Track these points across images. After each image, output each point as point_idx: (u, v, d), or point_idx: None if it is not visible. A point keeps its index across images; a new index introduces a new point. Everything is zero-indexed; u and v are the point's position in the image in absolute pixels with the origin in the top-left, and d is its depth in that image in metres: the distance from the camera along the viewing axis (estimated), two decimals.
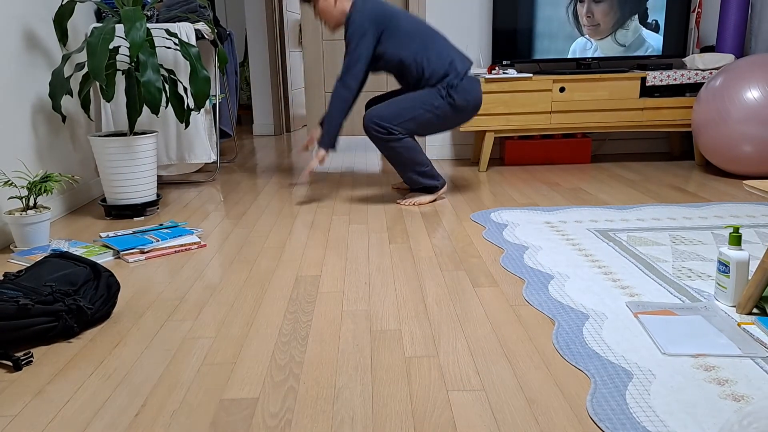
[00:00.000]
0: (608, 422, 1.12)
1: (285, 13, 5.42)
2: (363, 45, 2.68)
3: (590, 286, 1.76)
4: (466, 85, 2.73)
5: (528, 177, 3.32)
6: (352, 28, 2.69)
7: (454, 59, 2.73)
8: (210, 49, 3.47)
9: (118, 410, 1.21)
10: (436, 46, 2.73)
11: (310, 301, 1.73)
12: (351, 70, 2.68)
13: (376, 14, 2.69)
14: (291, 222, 2.55)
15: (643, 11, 3.51)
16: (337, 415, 1.18)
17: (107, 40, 2.34)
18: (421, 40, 2.72)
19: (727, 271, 1.58)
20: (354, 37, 2.69)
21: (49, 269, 1.63)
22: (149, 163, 2.68)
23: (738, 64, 3.07)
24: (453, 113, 2.74)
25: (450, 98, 2.70)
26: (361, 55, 2.68)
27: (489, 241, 2.23)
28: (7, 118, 2.37)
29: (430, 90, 2.72)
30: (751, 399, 1.18)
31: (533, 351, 1.41)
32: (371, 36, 2.69)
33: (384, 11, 2.70)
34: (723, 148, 3.04)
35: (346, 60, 2.71)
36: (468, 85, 2.73)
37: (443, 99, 2.70)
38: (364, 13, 2.68)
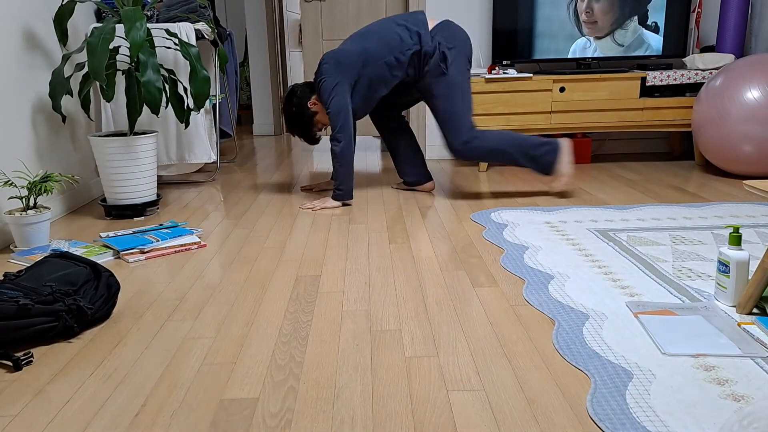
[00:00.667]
0: (608, 422, 1.12)
1: (285, 13, 5.42)
2: (339, 95, 2.69)
3: (590, 286, 1.76)
4: (441, 35, 2.70)
5: (528, 177, 3.32)
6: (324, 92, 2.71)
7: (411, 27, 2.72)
8: (210, 49, 3.47)
9: (118, 410, 1.21)
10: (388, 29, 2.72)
11: (310, 301, 1.73)
12: (339, 127, 2.69)
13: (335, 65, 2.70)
14: (291, 222, 2.55)
15: (643, 11, 3.50)
16: (337, 415, 1.18)
17: (107, 40, 2.34)
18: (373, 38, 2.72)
19: (727, 271, 1.58)
20: (326, 94, 2.70)
21: (49, 269, 1.63)
22: (149, 163, 2.68)
23: (738, 64, 3.07)
24: (463, 64, 2.72)
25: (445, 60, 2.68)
26: (341, 106, 2.68)
27: (489, 241, 2.23)
28: (7, 118, 2.37)
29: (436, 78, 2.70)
30: (751, 399, 1.18)
31: (533, 351, 1.41)
32: (343, 86, 2.70)
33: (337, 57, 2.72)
34: (723, 148, 3.04)
35: (330, 120, 2.71)
36: (445, 34, 2.71)
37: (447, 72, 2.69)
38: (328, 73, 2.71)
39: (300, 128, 2.88)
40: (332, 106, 2.68)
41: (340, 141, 2.69)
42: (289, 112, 2.85)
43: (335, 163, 2.72)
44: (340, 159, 2.70)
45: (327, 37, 4.33)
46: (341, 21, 4.21)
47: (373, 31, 2.75)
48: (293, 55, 5.78)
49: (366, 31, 2.78)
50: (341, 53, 2.72)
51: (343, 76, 2.70)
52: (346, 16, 4.22)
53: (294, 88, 2.86)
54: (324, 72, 2.72)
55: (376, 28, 2.75)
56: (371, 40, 2.72)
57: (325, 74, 2.71)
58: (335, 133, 2.70)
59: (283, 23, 5.40)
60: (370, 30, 2.77)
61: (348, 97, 2.70)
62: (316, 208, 2.72)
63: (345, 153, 2.70)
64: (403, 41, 2.70)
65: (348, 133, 2.69)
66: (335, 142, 2.70)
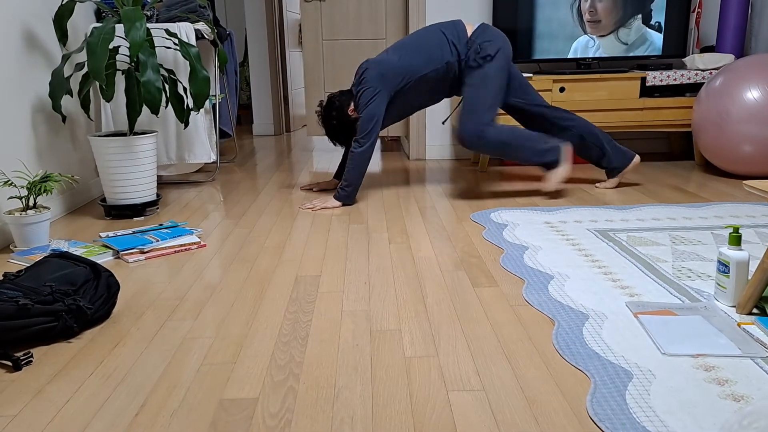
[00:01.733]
0: (608, 422, 1.12)
1: (285, 13, 5.42)
2: (376, 104, 2.72)
3: (590, 286, 1.76)
4: (480, 38, 2.73)
5: (528, 177, 3.32)
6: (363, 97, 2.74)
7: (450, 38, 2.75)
8: (210, 49, 3.47)
9: (118, 410, 1.21)
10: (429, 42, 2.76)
11: (310, 301, 1.73)
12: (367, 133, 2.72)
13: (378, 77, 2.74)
14: (291, 222, 2.55)
15: (647, 10, 3.50)
16: (337, 415, 1.18)
17: (107, 40, 2.34)
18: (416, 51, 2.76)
19: (727, 271, 1.58)
20: (364, 99, 2.73)
21: (49, 269, 1.63)
22: (149, 163, 2.68)
23: (738, 64, 3.07)
24: (498, 63, 2.74)
25: (484, 59, 2.70)
26: (373, 114, 2.72)
27: (489, 241, 2.23)
28: (7, 118, 2.37)
29: (470, 75, 2.73)
30: (751, 399, 1.18)
31: (533, 351, 1.41)
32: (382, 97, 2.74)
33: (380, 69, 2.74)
34: (723, 148, 3.04)
35: (360, 124, 2.74)
36: (481, 36, 2.74)
37: (482, 67, 2.71)
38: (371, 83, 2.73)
39: (343, 137, 2.94)
40: (366, 112, 2.72)
41: (362, 145, 2.73)
42: (330, 122, 2.90)
43: (350, 163, 2.74)
44: (356, 161, 2.73)
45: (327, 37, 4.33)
46: (341, 21, 4.21)
47: (418, 46, 2.78)
48: (293, 55, 5.78)
49: (410, 43, 2.80)
50: (385, 65, 2.76)
51: (385, 88, 2.75)
52: (346, 16, 4.21)
53: (332, 97, 2.90)
54: (367, 81, 2.75)
55: (420, 41, 2.78)
56: (416, 56, 2.76)
57: (369, 83, 2.74)
58: (360, 137, 2.73)
59: (283, 23, 5.40)
60: (414, 43, 2.79)
61: (383, 108, 2.75)
62: (316, 208, 2.72)
63: (364, 157, 2.74)
64: (443, 54, 2.75)
65: (372, 140, 2.74)
66: (357, 144, 2.74)
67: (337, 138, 2.95)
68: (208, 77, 2.66)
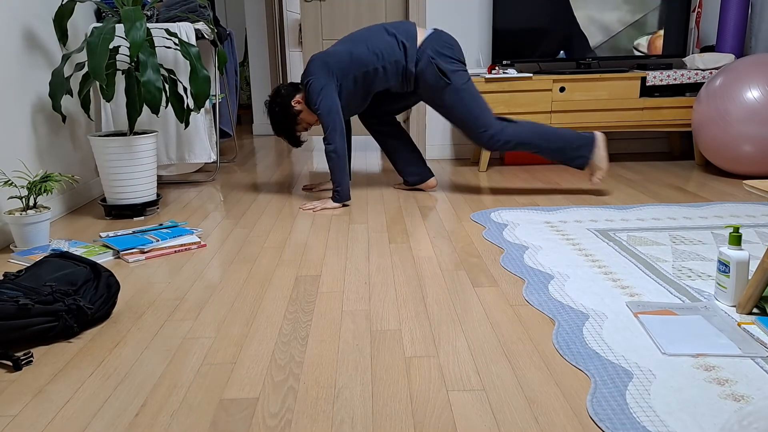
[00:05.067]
0: (608, 422, 1.12)
1: (285, 13, 5.42)
2: (327, 96, 2.69)
3: (590, 286, 1.76)
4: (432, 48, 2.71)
5: (528, 177, 3.32)
6: (312, 93, 2.72)
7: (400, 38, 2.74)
8: (210, 49, 3.46)
9: (118, 410, 1.21)
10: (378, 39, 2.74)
11: (310, 301, 1.73)
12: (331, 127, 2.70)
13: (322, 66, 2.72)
14: (291, 222, 2.55)
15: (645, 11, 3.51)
16: (337, 415, 1.18)
17: (107, 40, 2.34)
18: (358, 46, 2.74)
19: (727, 271, 1.58)
20: (314, 96, 2.71)
21: (49, 269, 1.63)
22: (149, 163, 2.68)
23: (738, 64, 3.07)
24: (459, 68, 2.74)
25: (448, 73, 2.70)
26: (330, 107, 2.69)
27: (489, 241, 2.23)
28: (7, 118, 2.37)
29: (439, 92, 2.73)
30: (751, 399, 1.18)
31: (533, 351, 1.41)
32: (330, 87, 2.71)
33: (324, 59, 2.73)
34: (723, 148, 3.04)
35: (321, 122, 2.72)
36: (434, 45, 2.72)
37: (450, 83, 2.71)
38: (315, 73, 2.72)
39: (284, 128, 2.88)
40: (322, 106, 2.69)
41: (332, 142, 2.70)
42: (273, 112, 2.86)
43: (330, 164, 2.72)
44: (333, 159, 2.71)
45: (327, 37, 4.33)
46: (341, 21, 4.21)
47: (363, 37, 2.76)
48: (293, 55, 5.78)
49: (356, 36, 2.79)
50: (328, 55, 2.74)
51: (330, 77, 2.71)
52: (346, 16, 4.22)
53: (278, 87, 2.87)
54: (311, 72, 2.73)
55: (366, 35, 2.77)
56: (360, 46, 2.74)
57: (312, 75, 2.72)
58: (326, 134, 2.71)
59: (283, 23, 5.40)
60: (360, 35, 2.78)
61: (336, 98, 2.72)
62: (316, 209, 2.72)
63: (338, 152, 2.70)
64: (392, 51, 2.73)
65: (339, 132, 2.70)
66: (327, 143, 2.71)
67: (279, 130, 2.88)
68: (208, 77, 2.66)
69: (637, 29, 3.53)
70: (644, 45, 3.53)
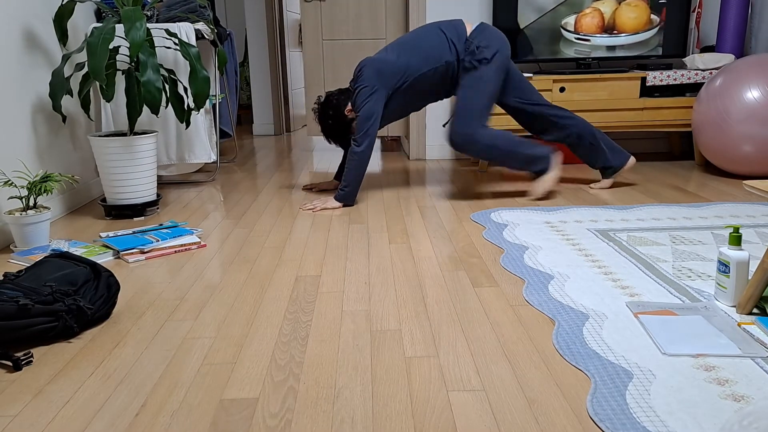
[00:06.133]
0: (608, 422, 1.12)
1: (285, 13, 5.42)
2: (373, 102, 2.70)
3: (590, 286, 1.76)
4: (477, 39, 2.72)
5: (528, 177, 3.32)
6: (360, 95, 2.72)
7: (449, 37, 2.74)
8: (210, 49, 3.47)
9: (118, 410, 1.21)
10: (429, 41, 2.74)
11: (310, 301, 1.73)
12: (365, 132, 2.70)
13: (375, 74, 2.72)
14: (291, 222, 2.55)
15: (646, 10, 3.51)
16: (337, 415, 1.18)
17: (107, 40, 2.34)
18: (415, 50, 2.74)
19: (727, 271, 1.58)
20: (361, 98, 2.72)
21: (49, 269, 1.63)
22: (149, 163, 2.68)
23: (738, 64, 3.07)
24: (495, 66, 2.72)
25: (481, 62, 2.70)
26: (371, 114, 2.70)
27: (489, 241, 2.23)
28: (7, 118, 2.37)
29: (465, 76, 2.72)
30: (751, 399, 1.18)
31: (533, 351, 1.41)
32: (380, 96, 2.72)
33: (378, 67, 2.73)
34: (723, 148, 3.04)
35: (357, 122, 2.72)
36: (479, 37, 2.73)
37: (478, 69, 2.70)
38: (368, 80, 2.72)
39: (338, 136, 2.91)
40: (363, 110, 2.70)
41: (361, 144, 2.71)
42: (326, 121, 2.88)
43: (349, 164, 2.72)
44: (356, 162, 2.72)
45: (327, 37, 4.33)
46: (341, 21, 4.21)
47: (416, 44, 2.76)
48: (293, 55, 5.78)
49: (409, 41, 2.79)
50: (383, 63, 2.74)
51: (383, 86, 2.73)
52: (346, 16, 4.21)
53: (329, 96, 2.88)
54: (365, 79, 2.74)
55: (419, 40, 2.77)
56: (415, 55, 2.74)
57: (366, 81, 2.73)
58: (358, 136, 2.71)
59: (283, 23, 5.40)
60: (413, 41, 2.78)
61: (381, 106, 2.73)
62: (316, 209, 2.72)
63: (363, 157, 2.72)
64: (442, 52, 2.73)
65: (370, 139, 2.72)
66: (355, 144, 2.72)
67: (332, 137, 2.93)
68: (208, 77, 2.66)
69: (570, 7, 3.50)
70: (571, 24, 3.51)
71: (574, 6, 3.48)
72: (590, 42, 3.51)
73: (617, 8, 3.44)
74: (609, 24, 3.49)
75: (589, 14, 3.41)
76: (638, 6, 3.41)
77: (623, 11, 3.43)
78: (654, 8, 3.47)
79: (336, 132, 2.90)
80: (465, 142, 2.74)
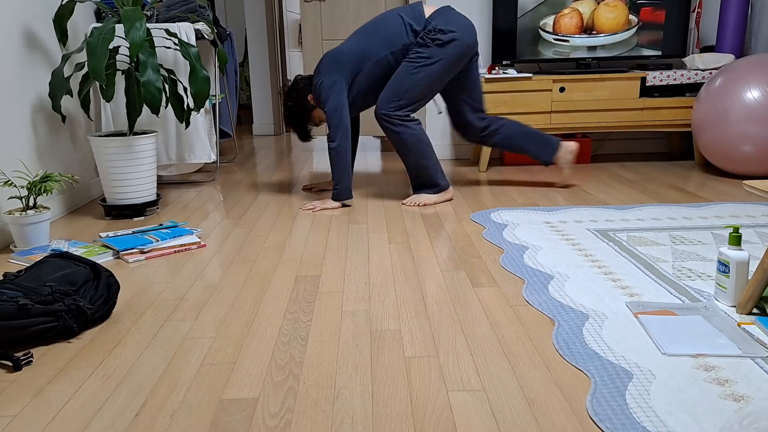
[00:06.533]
0: (608, 422, 1.12)
1: (285, 13, 5.42)
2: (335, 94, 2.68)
3: (590, 286, 1.76)
4: (438, 19, 2.67)
5: (528, 177, 3.32)
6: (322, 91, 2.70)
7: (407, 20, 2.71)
8: (210, 49, 3.46)
9: (118, 410, 1.21)
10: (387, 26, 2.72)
11: (310, 301, 1.73)
12: (335, 125, 2.68)
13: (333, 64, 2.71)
14: (291, 222, 2.55)
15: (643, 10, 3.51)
16: (337, 415, 1.18)
17: (107, 40, 2.34)
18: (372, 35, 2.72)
19: (727, 271, 1.58)
20: (323, 93, 2.70)
21: (49, 269, 1.63)
22: (149, 163, 2.68)
23: (738, 64, 3.07)
24: (450, 51, 2.66)
25: (435, 41, 2.65)
26: (338, 104, 2.67)
27: (489, 241, 2.23)
28: (7, 118, 2.37)
29: (413, 52, 2.69)
30: (751, 399, 1.18)
31: (533, 351, 1.41)
32: (341, 82, 2.70)
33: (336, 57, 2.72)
34: (723, 148, 3.04)
35: (327, 119, 2.71)
36: (440, 17, 2.68)
37: (429, 47, 2.66)
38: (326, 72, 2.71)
39: (296, 121, 2.89)
40: (329, 105, 2.69)
41: (335, 139, 2.69)
42: (287, 104, 2.87)
43: (331, 162, 2.72)
44: (333, 156, 2.70)
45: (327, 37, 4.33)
46: (341, 21, 4.21)
47: (373, 29, 2.75)
48: (293, 55, 5.78)
49: (367, 28, 2.78)
50: (340, 53, 2.73)
51: (341, 75, 2.70)
52: (346, 16, 4.21)
53: (297, 80, 2.86)
54: (322, 72, 2.73)
55: (376, 26, 2.76)
56: (371, 39, 2.72)
57: (323, 74, 2.72)
58: (330, 132, 2.70)
59: (283, 23, 5.40)
60: (370, 27, 2.77)
61: (344, 96, 2.70)
62: (316, 209, 2.72)
63: (339, 150, 2.68)
64: (399, 35, 2.70)
65: (343, 131, 2.68)
66: (330, 141, 2.70)
67: (290, 122, 2.89)
68: (208, 77, 2.66)
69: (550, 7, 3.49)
70: (550, 25, 3.51)
71: (554, 6, 3.48)
72: (569, 43, 3.51)
73: (596, 8, 3.43)
74: (588, 24, 3.48)
75: (568, 15, 3.40)
76: (616, 6, 3.40)
77: (601, 11, 3.42)
78: (632, 8, 3.47)
79: (294, 117, 2.87)
80: (381, 122, 2.74)
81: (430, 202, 2.78)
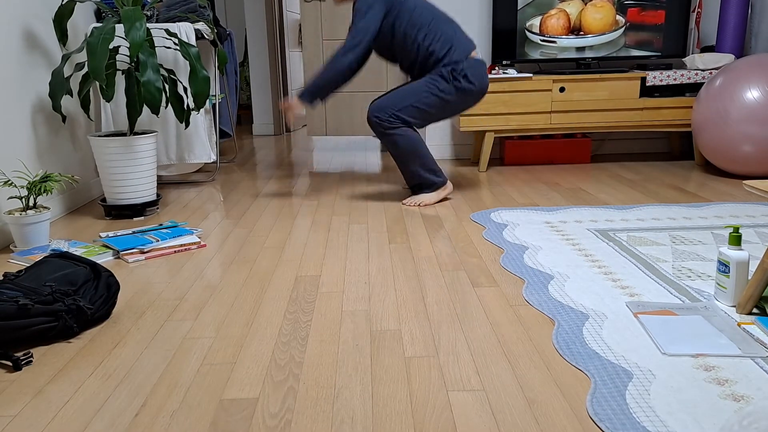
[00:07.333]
0: (608, 422, 1.12)
1: (285, 13, 5.42)
2: (370, 17, 2.64)
3: (590, 286, 1.76)
4: (471, 67, 2.71)
5: (528, 177, 3.32)
6: (360, 6, 2.66)
7: (459, 40, 2.71)
8: (210, 49, 3.46)
9: (118, 410, 1.21)
10: (441, 26, 2.71)
11: (310, 301, 1.73)
12: (354, 43, 2.63)
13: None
14: (291, 222, 2.55)
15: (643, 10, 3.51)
16: (337, 415, 1.18)
17: (107, 40, 2.34)
18: (428, 19, 2.70)
19: (727, 271, 1.58)
20: (361, 9, 2.66)
21: (49, 269, 1.63)
22: (149, 163, 2.68)
23: (738, 64, 3.07)
24: (458, 97, 2.71)
25: (455, 81, 2.68)
26: (368, 28, 2.64)
27: (489, 241, 2.23)
28: (7, 118, 2.37)
29: (432, 75, 2.71)
30: (751, 399, 1.18)
31: (533, 351, 1.41)
32: (379, 10, 2.66)
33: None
34: (723, 148, 3.04)
35: (350, 32, 2.67)
36: (473, 67, 2.72)
37: (448, 82, 2.69)
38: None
39: None
40: (363, 23, 2.63)
41: (344, 54, 2.63)
42: None
43: (326, 66, 2.66)
44: (331, 67, 2.64)
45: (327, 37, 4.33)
46: (341, 21, 4.21)
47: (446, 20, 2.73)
48: (293, 55, 5.78)
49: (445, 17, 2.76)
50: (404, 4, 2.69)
51: (383, 3, 2.67)
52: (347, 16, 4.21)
53: None
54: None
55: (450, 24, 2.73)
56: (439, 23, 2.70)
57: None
58: (346, 46, 2.64)
59: (283, 23, 5.40)
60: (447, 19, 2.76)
61: (377, 24, 2.66)
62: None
63: (338, 63, 2.63)
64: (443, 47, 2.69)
65: (356, 53, 2.63)
66: (340, 54, 2.64)
67: None
68: (208, 77, 2.66)
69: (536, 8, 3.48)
70: (536, 26, 3.51)
71: (541, 7, 3.48)
72: (556, 44, 3.51)
73: (583, 9, 3.43)
74: (575, 25, 3.48)
75: (555, 15, 3.39)
76: (603, 6, 3.39)
77: (588, 12, 3.41)
78: (619, 9, 3.47)
79: None
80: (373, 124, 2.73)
81: (430, 202, 2.78)
